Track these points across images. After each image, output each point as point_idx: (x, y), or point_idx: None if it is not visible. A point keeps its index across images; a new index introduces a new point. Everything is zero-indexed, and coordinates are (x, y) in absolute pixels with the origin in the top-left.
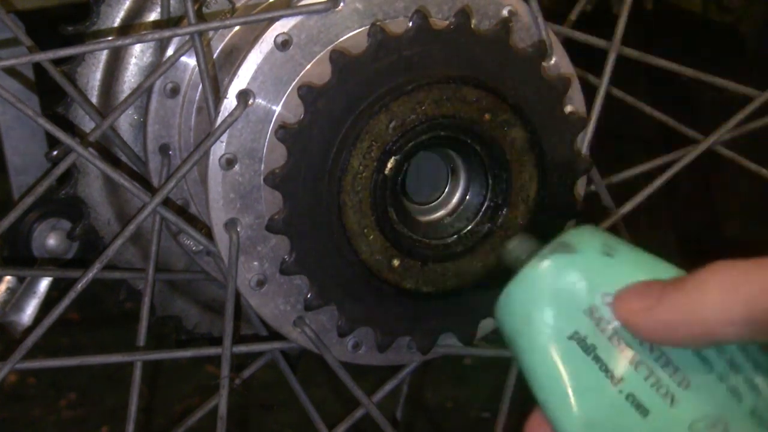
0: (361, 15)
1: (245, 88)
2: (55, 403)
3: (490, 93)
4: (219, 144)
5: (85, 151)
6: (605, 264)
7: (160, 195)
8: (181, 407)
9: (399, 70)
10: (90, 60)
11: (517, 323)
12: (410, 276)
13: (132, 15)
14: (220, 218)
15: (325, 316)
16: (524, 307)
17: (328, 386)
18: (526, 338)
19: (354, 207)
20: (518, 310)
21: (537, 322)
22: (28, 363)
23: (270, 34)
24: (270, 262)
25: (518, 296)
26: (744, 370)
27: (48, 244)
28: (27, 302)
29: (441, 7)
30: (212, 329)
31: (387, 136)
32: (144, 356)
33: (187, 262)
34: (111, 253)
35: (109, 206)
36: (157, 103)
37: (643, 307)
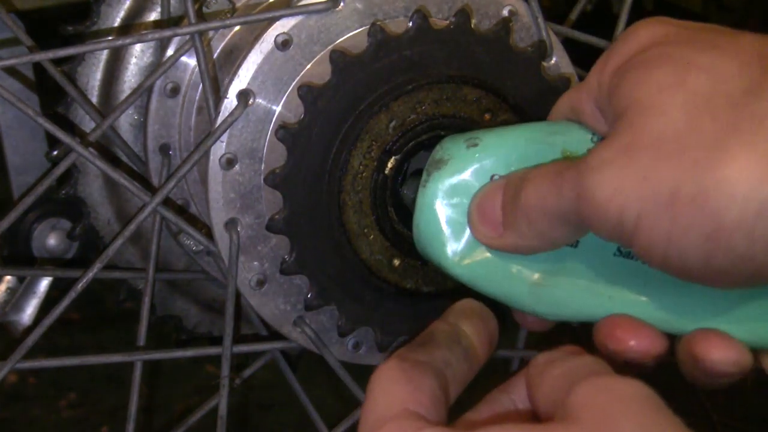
0: (361, 15)
1: (245, 88)
2: (55, 403)
3: (490, 93)
4: (219, 144)
5: (86, 151)
6: (473, 155)
7: (160, 195)
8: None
9: (399, 69)
10: (90, 60)
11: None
12: (410, 276)
13: (132, 15)
14: (220, 218)
15: (325, 316)
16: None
17: (328, 386)
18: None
19: (354, 207)
20: (426, 237)
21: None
22: (28, 363)
23: (270, 33)
24: (270, 261)
25: (422, 227)
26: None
27: (48, 244)
28: (27, 302)
29: (441, 6)
30: (212, 329)
31: (387, 135)
32: (144, 356)
33: (187, 262)
34: (111, 253)
35: (109, 206)
36: (157, 103)
37: (492, 236)
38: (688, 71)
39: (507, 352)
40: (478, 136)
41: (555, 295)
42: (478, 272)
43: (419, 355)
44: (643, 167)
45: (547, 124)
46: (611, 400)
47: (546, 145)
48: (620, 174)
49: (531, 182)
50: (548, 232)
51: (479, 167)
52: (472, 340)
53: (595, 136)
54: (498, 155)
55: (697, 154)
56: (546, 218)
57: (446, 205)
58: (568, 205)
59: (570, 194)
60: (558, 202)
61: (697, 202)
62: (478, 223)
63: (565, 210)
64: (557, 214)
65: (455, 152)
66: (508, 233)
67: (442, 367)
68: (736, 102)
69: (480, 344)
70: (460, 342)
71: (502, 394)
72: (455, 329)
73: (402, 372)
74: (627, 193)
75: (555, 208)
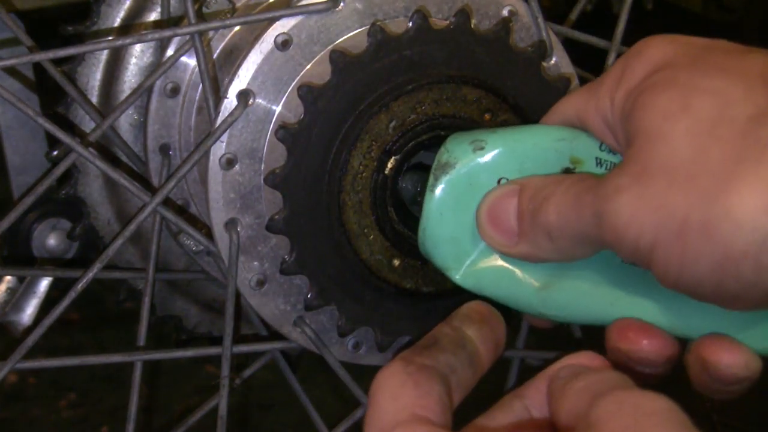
0: (361, 15)
1: (245, 88)
2: (55, 403)
3: (490, 93)
4: (219, 144)
5: (86, 151)
6: (480, 158)
7: (160, 195)
8: (181, 407)
9: (399, 70)
10: (90, 60)
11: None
12: (410, 276)
13: (132, 15)
14: (220, 218)
15: (325, 316)
16: (437, 237)
17: (328, 386)
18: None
19: (354, 207)
20: (432, 242)
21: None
22: (28, 363)
23: (270, 34)
24: (270, 262)
25: (429, 232)
26: None
27: (48, 244)
28: (27, 302)
29: (441, 6)
30: (212, 329)
31: (387, 135)
32: (144, 356)
33: (187, 262)
34: (111, 253)
35: (109, 206)
36: (157, 103)
37: (505, 244)
38: (692, 96)
39: (507, 352)
40: (484, 139)
41: (562, 298)
42: (485, 278)
43: (424, 359)
44: (655, 196)
45: (555, 130)
46: (635, 414)
47: (554, 152)
48: (635, 202)
49: (552, 202)
50: (569, 249)
51: (486, 171)
52: (476, 345)
53: (603, 145)
54: (505, 159)
55: (705, 183)
56: (567, 237)
57: (454, 210)
58: (589, 228)
59: (590, 219)
60: (579, 225)
61: (705, 231)
62: (490, 230)
63: (586, 233)
64: (578, 235)
65: (461, 155)
66: (524, 244)
67: (447, 372)
68: (741, 128)
69: (485, 350)
70: (465, 347)
71: (515, 399)
72: (460, 334)
73: (408, 376)
74: (642, 221)
75: (576, 230)
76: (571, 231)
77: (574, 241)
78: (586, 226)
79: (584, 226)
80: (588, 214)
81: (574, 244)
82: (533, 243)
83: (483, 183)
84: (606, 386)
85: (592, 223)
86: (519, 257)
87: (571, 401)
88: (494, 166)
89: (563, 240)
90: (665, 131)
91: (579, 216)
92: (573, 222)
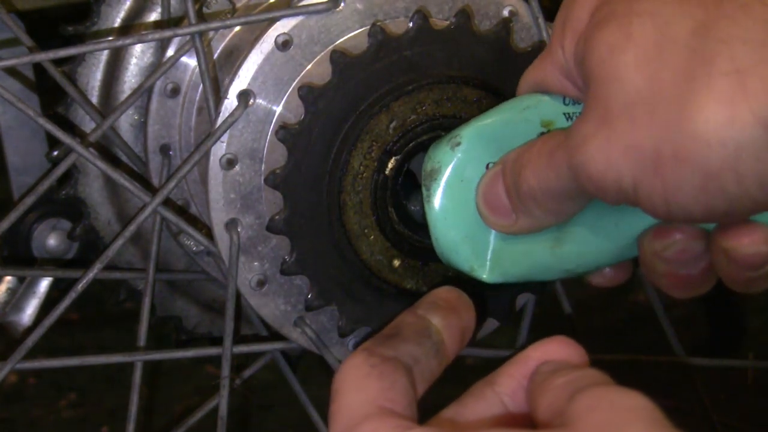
0: (362, 15)
1: (246, 89)
2: (55, 403)
3: (490, 93)
4: (219, 144)
5: (86, 151)
6: (458, 153)
7: (160, 195)
8: (181, 407)
9: (399, 70)
10: (90, 60)
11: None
12: (411, 276)
13: (132, 15)
14: (220, 218)
15: (326, 316)
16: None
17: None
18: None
19: (354, 207)
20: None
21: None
22: (28, 363)
23: (270, 34)
24: (270, 262)
25: (441, 241)
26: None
27: (48, 244)
28: (27, 302)
29: (441, 7)
30: (212, 329)
31: (387, 136)
32: (144, 356)
33: (188, 263)
34: (111, 253)
35: (110, 206)
36: (157, 104)
37: (507, 224)
38: (631, 23)
39: (507, 351)
40: (458, 134)
41: (573, 248)
42: (507, 264)
43: (387, 350)
44: (622, 136)
45: (518, 101)
46: (612, 409)
47: (524, 122)
48: (605, 147)
49: (527, 167)
50: (559, 208)
51: (471, 162)
52: (441, 334)
53: (567, 99)
54: (483, 144)
55: (664, 111)
56: (552, 197)
57: (456, 210)
58: (568, 183)
59: (567, 173)
60: (558, 182)
61: (679, 159)
62: (489, 215)
63: (567, 187)
64: (561, 192)
65: (443, 157)
66: (522, 218)
67: (411, 363)
68: (684, 46)
69: (450, 338)
70: (429, 336)
71: (486, 386)
72: (424, 323)
73: (371, 368)
74: (617, 164)
75: (557, 188)
76: (554, 190)
77: (560, 199)
78: (565, 181)
79: (563, 181)
80: (563, 169)
81: (561, 203)
82: (528, 214)
83: (472, 175)
84: (585, 382)
85: (570, 177)
86: (523, 232)
87: (551, 397)
88: (476, 155)
89: (550, 202)
90: (614, 66)
91: (556, 174)
92: (553, 181)
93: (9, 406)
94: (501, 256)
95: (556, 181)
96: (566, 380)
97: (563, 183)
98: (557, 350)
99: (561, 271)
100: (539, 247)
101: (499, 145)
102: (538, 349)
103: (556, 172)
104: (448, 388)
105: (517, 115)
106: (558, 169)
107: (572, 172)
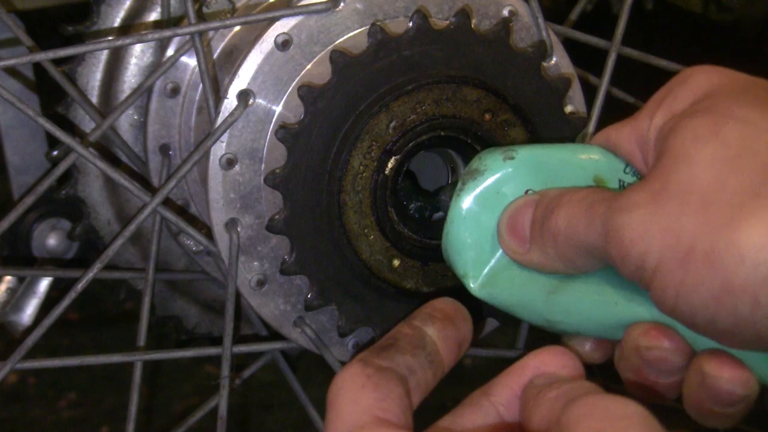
0: (362, 15)
1: (245, 88)
2: (55, 403)
3: (490, 93)
4: (219, 144)
5: (86, 151)
6: (508, 167)
7: (160, 195)
8: (181, 407)
9: (399, 70)
10: (90, 60)
11: (456, 253)
12: (411, 276)
13: (132, 15)
14: (220, 218)
15: (325, 316)
16: (459, 241)
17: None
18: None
19: (354, 207)
20: (453, 246)
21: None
22: (28, 363)
23: (270, 34)
24: (270, 262)
25: (452, 236)
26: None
27: (48, 244)
28: (27, 302)
29: (441, 7)
30: (212, 329)
31: (387, 136)
32: (144, 356)
33: (187, 262)
34: (111, 253)
35: (109, 206)
36: (157, 103)
37: (519, 251)
38: (725, 123)
39: (507, 351)
40: (515, 149)
41: (567, 302)
42: (499, 287)
43: (382, 360)
44: (668, 217)
45: (583, 147)
46: (605, 417)
47: (579, 168)
48: (647, 220)
49: (563, 208)
50: (572, 258)
51: (514, 180)
52: (437, 345)
53: (628, 167)
54: (532, 170)
55: (717, 212)
56: (572, 246)
57: (479, 216)
58: (595, 239)
59: (599, 229)
60: (586, 234)
61: (709, 260)
62: (507, 236)
63: (592, 243)
64: (584, 244)
65: (491, 164)
66: (534, 251)
67: (406, 373)
68: (763, 162)
69: (446, 349)
70: (424, 347)
71: (483, 397)
72: (420, 333)
73: (367, 378)
74: (650, 241)
75: (582, 239)
76: (577, 239)
77: (578, 251)
78: (592, 235)
79: (591, 235)
80: (597, 224)
81: (578, 254)
82: (542, 250)
83: (509, 192)
84: (577, 393)
85: (599, 234)
86: (530, 265)
87: (544, 409)
88: (521, 177)
89: (568, 249)
90: (691, 153)
91: (588, 224)
92: (581, 230)
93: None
94: (497, 277)
95: (584, 232)
96: (559, 392)
97: (590, 237)
98: (552, 360)
99: (544, 319)
100: (535, 287)
101: (546, 178)
102: (534, 359)
103: (587, 223)
104: (447, 389)
105: (575, 159)
106: (592, 221)
107: (604, 229)
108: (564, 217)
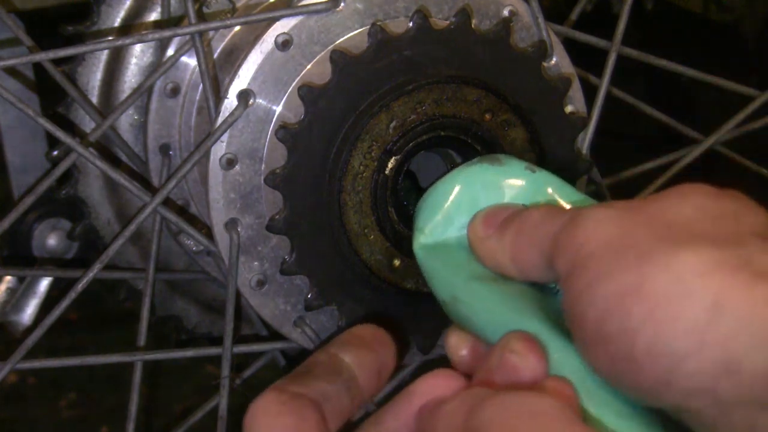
0: (362, 15)
1: (246, 88)
2: (55, 403)
3: (490, 93)
4: (219, 144)
5: (86, 151)
6: (527, 175)
7: (160, 195)
8: (181, 407)
9: (399, 70)
10: (90, 60)
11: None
12: (411, 276)
13: (132, 15)
14: (220, 218)
15: (325, 316)
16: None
17: None
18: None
19: (354, 207)
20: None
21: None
22: (28, 363)
23: (270, 34)
24: (270, 262)
25: (440, 190)
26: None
27: (48, 244)
28: (27, 302)
29: (441, 6)
30: (212, 329)
31: (387, 136)
32: (144, 356)
33: (188, 262)
34: (111, 253)
35: (110, 206)
36: (157, 103)
37: (481, 237)
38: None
39: None
40: (538, 168)
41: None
42: (435, 253)
43: (297, 387)
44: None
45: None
46: (520, 415)
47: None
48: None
49: (542, 208)
50: (522, 254)
51: (525, 188)
52: (354, 371)
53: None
54: (540, 191)
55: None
56: (529, 242)
57: (473, 190)
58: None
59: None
60: (548, 230)
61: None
62: (479, 220)
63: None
64: (538, 242)
65: (510, 161)
66: (493, 239)
67: (320, 400)
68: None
69: (364, 376)
70: (340, 374)
71: (371, 427)
72: (335, 361)
73: (282, 405)
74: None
75: (542, 236)
76: (537, 236)
77: (532, 248)
78: (554, 228)
79: (553, 228)
80: (558, 224)
81: (530, 252)
82: (499, 240)
83: (514, 195)
84: (480, 397)
85: (559, 226)
86: (480, 251)
87: (445, 423)
88: (532, 189)
89: (525, 242)
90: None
91: (552, 222)
92: (547, 227)
93: (9, 406)
94: (441, 249)
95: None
96: (456, 403)
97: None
98: (440, 384)
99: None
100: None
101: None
102: (421, 385)
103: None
104: None
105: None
106: (555, 218)
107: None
108: (537, 213)
